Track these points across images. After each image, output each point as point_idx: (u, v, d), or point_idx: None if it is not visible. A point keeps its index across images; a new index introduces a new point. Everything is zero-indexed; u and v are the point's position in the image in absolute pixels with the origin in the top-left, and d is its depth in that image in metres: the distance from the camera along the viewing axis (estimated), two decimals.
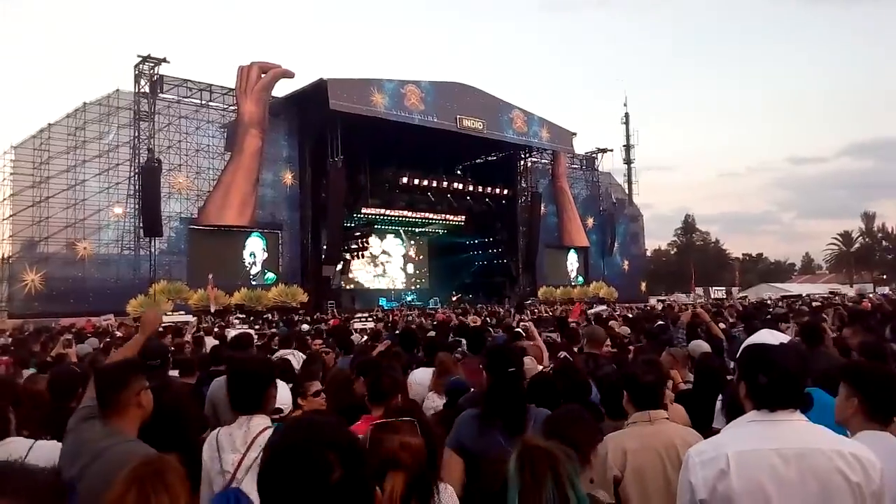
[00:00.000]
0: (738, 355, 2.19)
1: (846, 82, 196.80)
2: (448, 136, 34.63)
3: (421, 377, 5.18)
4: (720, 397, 3.34)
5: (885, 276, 71.54)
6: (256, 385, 2.82)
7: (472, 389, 3.99)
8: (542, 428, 2.49)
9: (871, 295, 31.65)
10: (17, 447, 2.72)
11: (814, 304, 17.20)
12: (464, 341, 6.40)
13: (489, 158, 42.07)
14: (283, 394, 3.30)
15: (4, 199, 26.87)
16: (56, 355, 6.78)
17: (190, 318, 19.52)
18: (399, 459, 2.02)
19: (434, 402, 4.58)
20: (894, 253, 76.94)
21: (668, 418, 2.92)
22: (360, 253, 38.58)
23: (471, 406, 3.22)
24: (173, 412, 2.94)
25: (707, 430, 2.95)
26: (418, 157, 36.22)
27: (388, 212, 39.20)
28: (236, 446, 2.64)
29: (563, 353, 4.84)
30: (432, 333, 8.27)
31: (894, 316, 8.96)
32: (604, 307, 16.90)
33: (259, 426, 2.71)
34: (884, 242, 78.84)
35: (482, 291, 42.13)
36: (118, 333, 13.26)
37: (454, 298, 39.82)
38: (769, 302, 19.71)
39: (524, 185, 41.85)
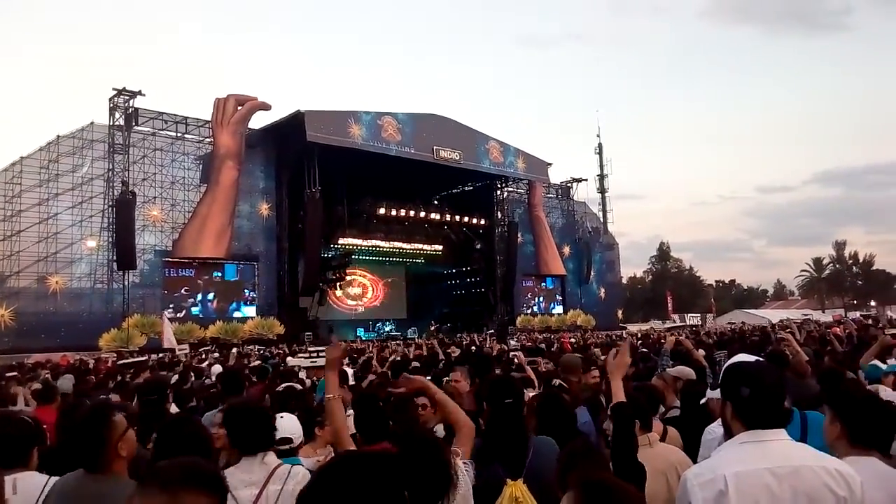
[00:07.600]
0: (720, 377, 2.25)
1: (811, 112, 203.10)
2: (425, 167, 34.91)
3: None
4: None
5: (855, 302, 73.07)
6: (264, 426, 2.84)
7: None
8: (558, 462, 2.45)
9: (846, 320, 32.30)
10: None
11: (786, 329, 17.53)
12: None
13: (466, 188, 42.44)
14: (293, 425, 3.27)
15: None
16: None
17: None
18: None
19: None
20: (864, 279, 78.66)
21: (661, 440, 2.98)
22: (338, 283, 38.35)
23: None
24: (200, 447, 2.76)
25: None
26: (396, 187, 36.36)
27: (365, 242, 39.16)
28: (251, 481, 2.68)
29: (556, 381, 4.84)
30: (416, 365, 8.23)
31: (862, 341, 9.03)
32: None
33: (273, 462, 2.77)
34: (854, 269, 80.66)
35: (460, 321, 42.06)
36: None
37: (432, 328, 39.68)
38: (745, 329, 20.18)
39: (501, 214, 42.17)
